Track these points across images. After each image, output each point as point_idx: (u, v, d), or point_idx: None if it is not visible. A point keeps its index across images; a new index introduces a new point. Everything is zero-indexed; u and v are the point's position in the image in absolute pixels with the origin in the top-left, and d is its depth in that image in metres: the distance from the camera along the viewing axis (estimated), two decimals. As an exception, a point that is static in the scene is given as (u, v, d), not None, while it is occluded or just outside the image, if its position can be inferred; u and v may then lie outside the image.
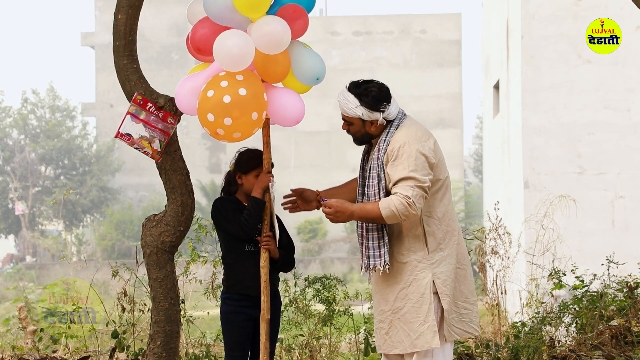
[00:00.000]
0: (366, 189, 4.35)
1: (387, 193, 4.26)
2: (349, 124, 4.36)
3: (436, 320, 4.27)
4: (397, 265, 4.31)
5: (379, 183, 4.29)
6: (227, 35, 4.14)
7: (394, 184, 4.21)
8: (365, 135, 4.37)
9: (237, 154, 4.63)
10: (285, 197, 4.57)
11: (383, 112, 4.29)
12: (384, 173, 4.27)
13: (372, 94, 4.28)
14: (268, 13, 4.27)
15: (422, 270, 4.29)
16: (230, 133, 4.17)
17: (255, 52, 4.21)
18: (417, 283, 4.28)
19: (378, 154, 4.30)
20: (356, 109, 4.27)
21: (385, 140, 4.30)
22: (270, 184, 4.47)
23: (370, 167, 4.34)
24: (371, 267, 4.30)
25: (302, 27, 4.31)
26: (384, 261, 4.27)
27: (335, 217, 4.27)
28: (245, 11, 4.16)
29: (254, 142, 4.34)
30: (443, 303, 4.28)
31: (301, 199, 4.55)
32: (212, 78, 4.20)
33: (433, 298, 4.27)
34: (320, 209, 4.39)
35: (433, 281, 4.28)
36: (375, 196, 4.28)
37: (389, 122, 4.34)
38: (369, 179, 4.34)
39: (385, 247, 4.27)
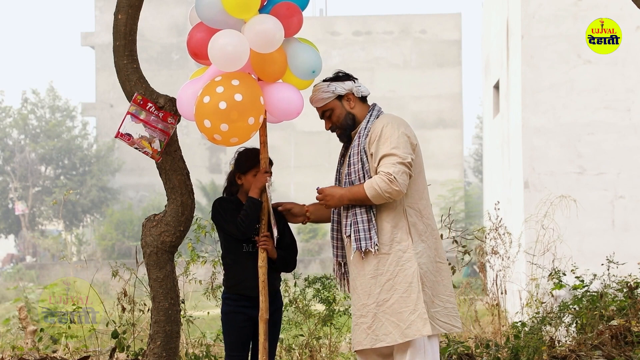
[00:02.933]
0: (349, 177, 4.39)
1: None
2: (330, 114, 4.44)
3: (425, 309, 4.28)
4: (380, 256, 4.32)
5: (362, 167, 4.36)
6: (221, 34, 4.15)
7: (378, 163, 4.30)
8: (348, 116, 4.44)
9: (236, 154, 4.63)
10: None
11: (354, 81, 4.46)
12: (367, 157, 4.35)
13: (337, 73, 4.50)
14: (262, 12, 4.27)
15: (407, 260, 4.32)
16: (228, 138, 4.20)
17: (251, 52, 4.21)
18: (404, 273, 4.30)
19: (359, 141, 4.39)
20: (329, 87, 4.42)
21: (366, 127, 4.41)
22: (267, 183, 4.47)
23: (351, 154, 4.40)
24: (363, 249, 4.31)
25: (296, 25, 4.31)
26: (374, 243, 4.30)
27: (326, 201, 4.37)
28: (235, 12, 4.16)
29: (252, 141, 4.34)
30: (423, 294, 4.30)
31: (290, 214, 4.65)
32: (208, 83, 4.22)
33: (421, 287, 4.30)
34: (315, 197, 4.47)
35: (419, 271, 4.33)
36: (360, 180, 4.36)
37: (369, 112, 4.45)
38: (351, 166, 4.39)
39: (374, 229, 4.32)
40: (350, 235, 4.37)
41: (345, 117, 4.44)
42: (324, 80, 4.48)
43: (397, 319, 4.27)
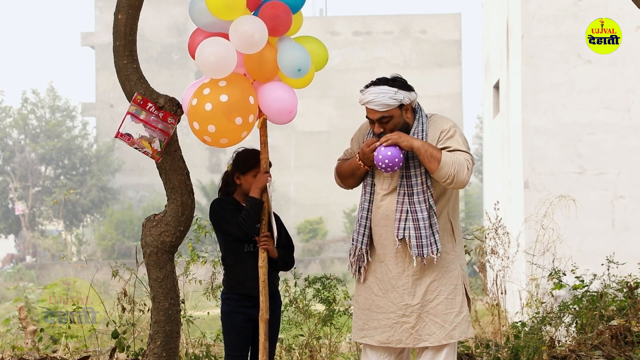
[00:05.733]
0: (409, 180, 4.28)
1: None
2: (387, 120, 4.27)
3: (469, 312, 4.33)
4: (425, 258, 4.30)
5: (426, 171, 4.26)
6: (207, 43, 4.18)
7: (452, 151, 4.24)
8: (404, 126, 4.31)
9: (234, 155, 4.64)
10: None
11: (414, 92, 4.34)
12: None
13: (400, 78, 4.34)
14: (255, 13, 4.28)
15: (451, 262, 4.32)
16: (217, 139, 4.23)
17: (242, 54, 4.23)
18: (449, 275, 4.30)
19: None
20: (396, 94, 4.25)
21: (422, 129, 4.31)
22: (267, 184, 4.48)
23: (408, 153, 4.27)
24: (425, 256, 4.21)
25: (282, 24, 4.28)
26: (437, 248, 4.23)
27: (400, 137, 4.19)
28: (220, 14, 4.17)
29: (252, 142, 4.35)
30: (469, 294, 4.37)
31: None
32: (199, 86, 4.27)
33: (465, 290, 4.33)
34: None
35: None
36: (422, 177, 4.25)
37: (417, 113, 4.36)
38: (410, 168, 4.27)
39: (438, 234, 4.24)
40: (404, 239, 4.25)
41: (401, 127, 4.29)
42: (388, 82, 4.30)
43: (442, 320, 4.27)
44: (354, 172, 4.42)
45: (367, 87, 4.33)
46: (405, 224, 4.25)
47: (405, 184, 4.28)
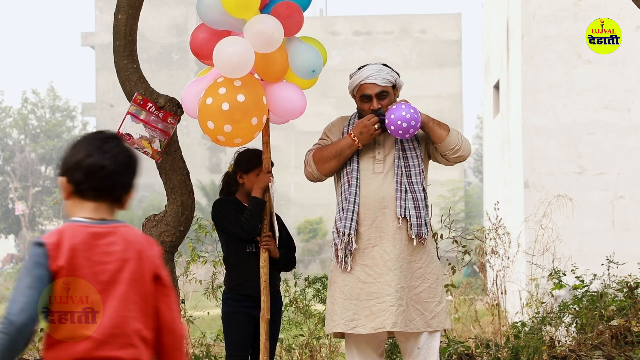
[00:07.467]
0: (406, 161, 4.40)
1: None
2: (385, 96, 4.40)
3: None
4: (416, 243, 4.35)
5: (421, 152, 4.43)
6: (226, 42, 4.15)
7: None
8: None
9: (236, 155, 4.64)
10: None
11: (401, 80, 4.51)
12: (418, 142, 4.45)
13: (387, 65, 4.51)
14: (264, 12, 4.27)
15: (433, 254, 4.45)
16: (231, 139, 4.20)
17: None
18: (433, 264, 4.40)
19: None
20: (392, 73, 4.41)
21: None
22: (270, 183, 4.48)
23: (405, 139, 4.40)
24: (422, 236, 4.32)
25: (296, 24, 4.29)
26: (427, 231, 4.37)
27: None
28: (234, 12, 4.16)
29: (254, 142, 4.35)
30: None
31: None
32: (210, 84, 4.22)
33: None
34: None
35: None
36: (418, 160, 4.41)
37: None
38: (407, 152, 4.41)
39: (428, 217, 4.44)
40: (405, 217, 4.31)
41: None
42: (384, 65, 4.47)
43: (423, 308, 4.32)
44: (342, 152, 4.46)
45: (359, 69, 4.46)
46: (406, 204, 4.35)
47: (402, 164, 4.39)
